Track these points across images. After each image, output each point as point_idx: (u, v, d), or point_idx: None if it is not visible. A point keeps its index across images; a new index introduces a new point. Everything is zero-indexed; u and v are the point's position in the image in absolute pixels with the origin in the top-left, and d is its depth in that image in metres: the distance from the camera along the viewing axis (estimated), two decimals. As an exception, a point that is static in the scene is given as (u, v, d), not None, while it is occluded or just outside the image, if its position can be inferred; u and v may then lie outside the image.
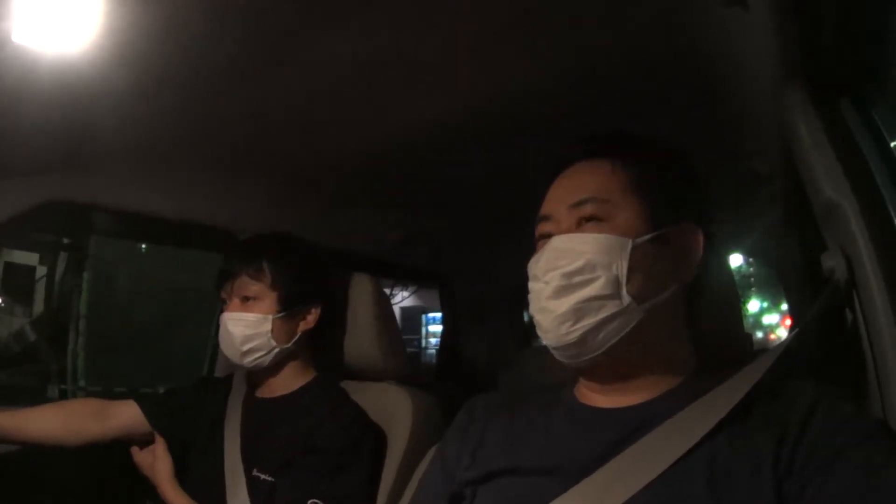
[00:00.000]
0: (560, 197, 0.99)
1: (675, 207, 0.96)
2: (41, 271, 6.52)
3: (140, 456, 1.54)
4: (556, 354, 0.95)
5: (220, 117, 1.52)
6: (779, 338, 11.75)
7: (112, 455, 1.57)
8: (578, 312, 0.89)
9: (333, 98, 1.49)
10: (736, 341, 1.13)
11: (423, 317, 8.99)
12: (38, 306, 6.54)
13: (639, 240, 0.91)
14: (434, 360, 6.08)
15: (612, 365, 0.93)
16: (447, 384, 2.92)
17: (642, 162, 0.98)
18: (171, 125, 1.53)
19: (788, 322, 8.57)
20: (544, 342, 0.95)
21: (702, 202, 1.02)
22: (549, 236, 0.97)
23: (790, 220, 1.89)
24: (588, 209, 0.94)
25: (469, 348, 3.08)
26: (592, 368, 0.95)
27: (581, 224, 0.94)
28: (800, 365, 0.97)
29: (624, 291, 0.89)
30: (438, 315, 8.15)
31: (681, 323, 0.98)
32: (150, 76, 1.30)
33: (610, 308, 0.89)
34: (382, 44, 1.28)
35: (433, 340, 8.50)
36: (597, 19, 1.23)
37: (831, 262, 1.05)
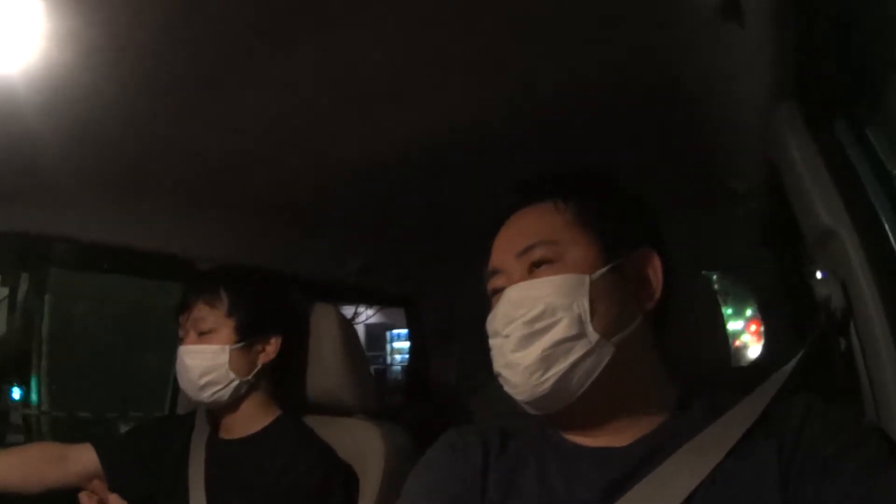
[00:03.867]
0: (505, 247, 0.96)
1: (626, 235, 0.93)
2: (3, 293, 6.36)
3: None
4: (528, 409, 0.90)
5: (179, 146, 1.45)
6: (744, 343, 11.92)
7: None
8: (547, 360, 0.84)
9: (292, 127, 1.42)
10: (719, 360, 1.10)
11: (388, 334, 8.95)
12: (1, 328, 6.39)
13: (595, 274, 0.88)
14: (400, 377, 6.04)
15: (588, 410, 0.88)
16: (416, 408, 2.86)
17: (583, 196, 0.95)
18: (125, 154, 1.45)
19: (754, 328, 8.67)
20: (517, 398, 0.89)
21: (652, 224, 0.99)
22: (502, 290, 0.92)
23: (766, 239, 1.87)
24: (536, 254, 0.91)
25: (437, 370, 3.01)
26: (569, 416, 0.90)
27: (532, 271, 0.91)
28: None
29: (590, 328, 0.85)
30: (403, 332, 8.12)
31: (652, 352, 0.93)
32: (102, 104, 1.23)
33: (579, 349, 0.85)
34: (339, 73, 1.22)
35: (398, 357, 8.48)
36: (583, 38, 1.17)
37: (826, 289, 1.02)
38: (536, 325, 0.85)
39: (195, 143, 1.44)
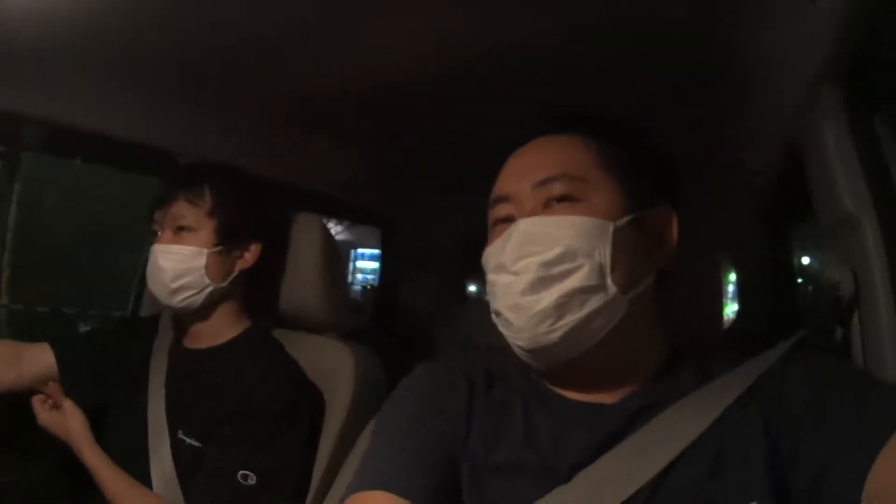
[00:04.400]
0: (522, 174, 0.88)
1: (651, 189, 0.88)
2: None
3: (45, 415, 1.39)
4: (523, 356, 0.85)
5: (169, 32, 1.36)
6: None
7: (23, 405, 1.42)
8: (561, 308, 0.79)
9: (293, 26, 1.35)
10: (711, 329, 1.09)
11: (353, 252, 8.92)
12: None
13: (619, 222, 0.82)
14: (360, 298, 6.03)
15: (585, 365, 0.84)
16: (380, 334, 2.84)
17: (616, 139, 0.89)
18: (113, 38, 1.37)
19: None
20: (515, 343, 0.84)
21: (677, 184, 0.94)
22: (509, 220, 0.86)
23: (766, 218, 1.86)
24: (558, 188, 0.84)
25: (408, 297, 2.98)
26: (565, 369, 0.86)
27: (550, 205, 0.84)
28: None
29: (609, 281, 0.80)
30: (367, 251, 8.09)
31: (653, 312, 0.90)
32: None
33: (595, 301, 0.80)
34: None
35: (360, 276, 8.46)
36: None
37: (836, 275, 1.00)
38: (554, 268, 0.80)
39: (188, 29, 1.36)
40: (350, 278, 8.75)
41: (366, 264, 8.28)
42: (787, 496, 0.72)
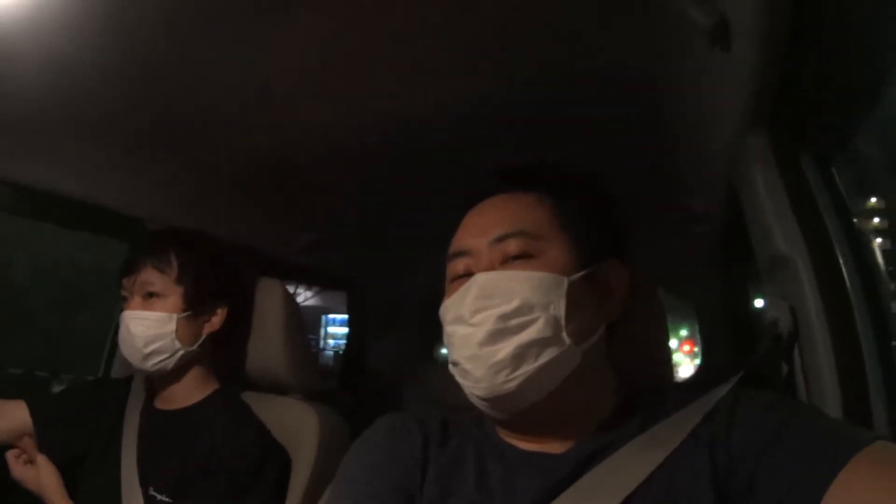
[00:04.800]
0: (480, 230, 0.91)
1: (602, 244, 0.92)
2: None
3: (19, 470, 1.39)
4: (480, 405, 0.88)
5: (136, 99, 1.40)
6: (677, 363, 12.22)
7: None
8: (518, 359, 0.82)
9: (251, 95, 1.40)
10: (661, 375, 1.11)
11: (323, 317, 8.87)
12: None
13: (573, 277, 0.85)
14: (331, 363, 5.99)
15: (538, 414, 0.86)
16: (348, 395, 2.83)
17: (570, 196, 0.93)
18: (76, 102, 1.39)
19: (687, 347, 8.92)
20: (473, 392, 0.87)
21: (626, 238, 0.98)
22: (467, 275, 0.89)
23: (715, 261, 1.91)
24: (514, 245, 0.87)
25: (374, 357, 2.99)
26: (517, 419, 0.88)
27: (507, 262, 0.87)
28: None
29: (564, 334, 0.83)
30: (338, 317, 8.06)
31: (606, 363, 0.93)
32: (52, 52, 1.18)
33: (550, 352, 0.83)
34: (302, 48, 1.21)
35: (332, 342, 8.41)
36: (561, 36, 1.17)
37: (775, 312, 1.04)
38: (511, 320, 0.82)
39: (154, 101, 1.40)
40: (321, 343, 8.71)
41: (337, 329, 8.25)
42: None
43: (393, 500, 0.87)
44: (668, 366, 1.14)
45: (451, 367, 0.90)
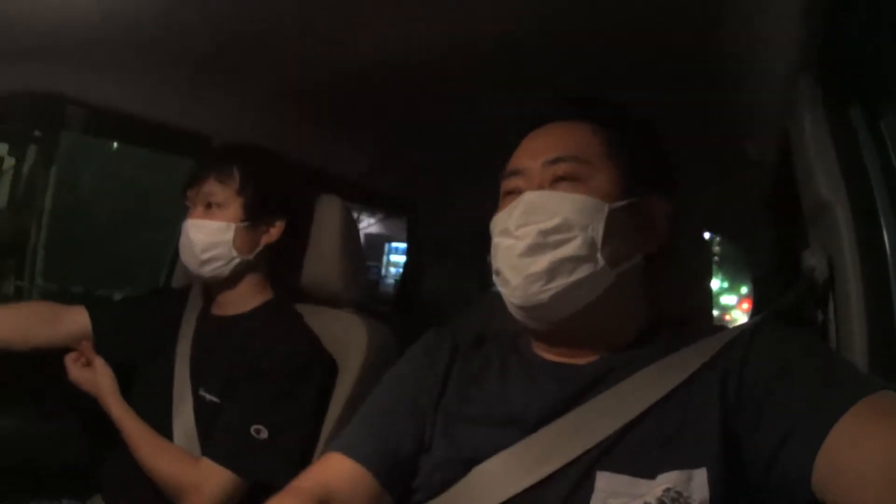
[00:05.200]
0: (535, 152, 0.96)
1: (649, 179, 0.96)
2: (9, 162, 6.34)
3: (77, 372, 1.49)
4: (517, 314, 0.94)
5: (202, 17, 1.44)
6: (734, 319, 12.02)
7: (55, 362, 1.52)
8: (552, 272, 0.88)
9: (321, 11, 1.41)
10: (698, 314, 1.13)
11: (386, 245, 8.97)
12: (2, 199, 6.38)
13: (614, 205, 0.90)
14: (392, 290, 6.09)
15: (572, 328, 0.92)
16: (402, 316, 2.91)
17: (622, 129, 0.97)
18: (149, 22, 1.45)
19: (746, 306, 8.76)
20: (510, 300, 0.93)
21: (673, 176, 1.02)
22: (518, 192, 0.94)
23: (770, 208, 1.88)
24: (564, 168, 0.92)
25: (430, 283, 3.05)
26: (552, 331, 0.94)
27: (556, 182, 0.92)
28: None
29: (599, 255, 0.88)
30: (401, 246, 8.16)
31: (639, 290, 0.98)
32: None
33: (584, 270, 0.88)
34: None
35: (393, 270, 8.51)
36: None
37: (813, 260, 1.04)
38: (550, 236, 0.88)
39: (221, 17, 1.43)
40: (383, 271, 8.84)
41: (399, 258, 8.35)
42: (741, 465, 0.78)
43: (398, 423, 0.98)
44: (704, 306, 1.17)
45: (494, 276, 0.96)
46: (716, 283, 12.88)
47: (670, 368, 0.86)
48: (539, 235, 0.88)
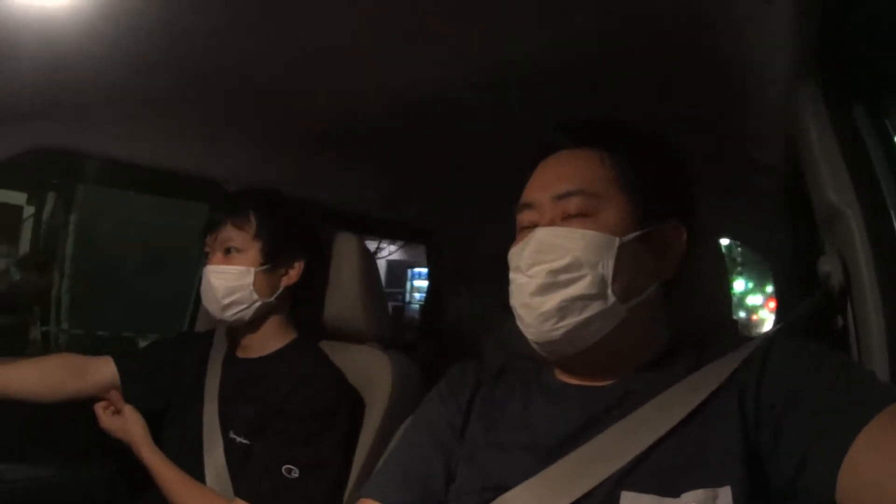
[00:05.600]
0: (545, 185, 0.97)
1: (662, 205, 0.95)
2: (28, 211, 6.43)
3: (107, 420, 1.52)
4: (535, 347, 0.94)
5: (209, 69, 1.47)
6: (761, 319, 11.90)
7: (87, 411, 1.55)
8: (563, 311, 0.88)
9: (328, 55, 1.44)
10: (718, 325, 1.12)
11: (409, 271, 8.97)
12: (24, 246, 6.46)
13: (625, 238, 0.90)
14: (417, 316, 6.10)
15: (589, 357, 0.93)
16: (428, 346, 2.92)
17: (632, 155, 0.95)
18: (158, 75, 1.48)
19: (773, 304, 8.67)
20: (526, 335, 0.94)
21: (689, 197, 1.01)
22: (532, 226, 0.95)
23: (786, 213, 1.88)
24: (574, 203, 0.92)
25: (453, 309, 3.06)
26: (570, 360, 0.95)
27: (566, 218, 0.92)
28: None
29: (609, 291, 0.89)
30: (424, 271, 8.16)
31: (658, 313, 0.97)
32: (137, 26, 1.26)
33: (594, 307, 0.88)
34: (381, 3, 1.24)
35: (417, 296, 8.51)
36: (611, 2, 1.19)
37: (828, 266, 1.04)
38: (561, 276, 0.88)
39: (231, 66, 1.46)
40: (407, 297, 8.85)
41: (422, 283, 8.35)
42: (765, 482, 0.77)
43: (427, 462, 0.99)
44: (725, 315, 1.16)
45: (513, 310, 0.97)
46: (740, 285, 12.82)
47: (690, 388, 0.86)
48: (549, 275, 0.89)
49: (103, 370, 1.57)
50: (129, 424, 1.48)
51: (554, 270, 0.89)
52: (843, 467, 0.69)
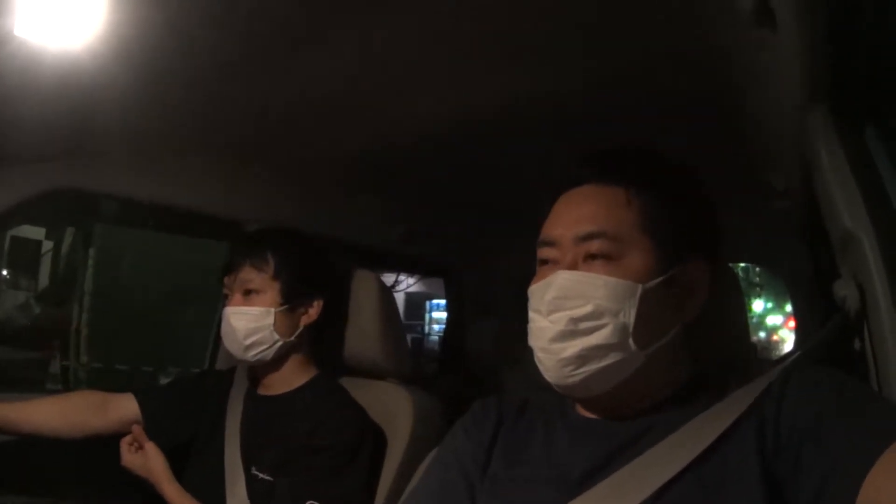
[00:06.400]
0: (567, 223, 0.94)
1: (688, 245, 0.93)
2: (47, 245, 6.51)
3: (129, 457, 1.54)
4: (554, 387, 0.94)
5: (227, 109, 1.51)
6: (781, 339, 11.76)
7: (110, 447, 1.57)
8: (582, 359, 0.88)
9: (341, 92, 1.47)
10: (738, 355, 1.11)
11: (428, 303, 8.99)
12: (44, 281, 6.53)
13: (649, 284, 0.89)
14: (437, 347, 6.10)
15: (608, 399, 0.93)
16: (450, 379, 2.92)
17: (659, 193, 0.94)
18: (176, 116, 1.52)
19: (793, 324, 8.58)
20: (545, 377, 0.93)
21: (716, 236, 0.99)
22: (552, 262, 0.94)
23: (803, 237, 1.87)
24: (596, 245, 0.90)
25: (473, 342, 3.06)
26: (589, 400, 0.96)
27: (588, 261, 0.91)
28: None
29: (630, 340, 0.88)
30: (443, 302, 8.17)
31: (679, 352, 0.96)
32: (155, 68, 1.30)
33: (613, 356, 0.88)
34: (392, 41, 1.27)
35: (437, 327, 8.53)
36: (620, 32, 1.21)
37: (844, 290, 1.04)
38: (581, 324, 0.88)
39: (250, 107, 1.50)
40: (426, 329, 8.85)
41: (441, 314, 8.36)
42: None
43: (453, 496, 0.99)
44: (745, 347, 1.16)
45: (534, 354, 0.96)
46: (759, 305, 12.70)
47: (709, 421, 0.85)
48: (570, 323, 0.88)
49: (125, 407, 1.59)
50: (149, 461, 1.49)
51: (575, 319, 0.88)
52: (861, 494, 0.68)
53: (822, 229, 1.22)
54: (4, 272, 6.56)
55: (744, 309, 1.17)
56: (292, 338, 1.53)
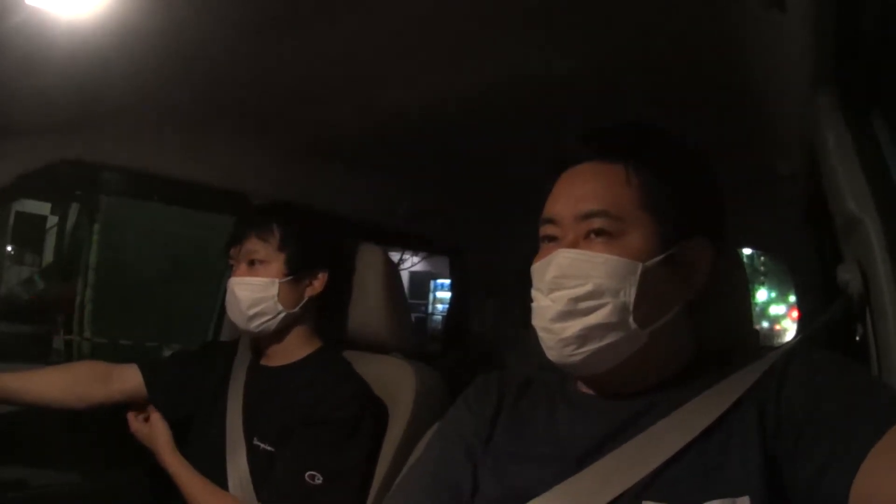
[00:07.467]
0: (567, 201, 0.94)
1: (689, 222, 0.92)
2: (52, 220, 6.52)
3: (136, 425, 1.57)
4: (557, 365, 0.94)
5: (236, 81, 1.51)
6: (784, 329, 11.77)
7: (113, 418, 1.59)
8: (582, 338, 0.88)
9: (351, 66, 1.47)
10: (741, 337, 1.12)
11: (432, 282, 8.99)
12: (48, 256, 6.54)
13: (649, 262, 0.88)
14: (440, 327, 6.11)
15: (610, 377, 0.93)
16: (452, 357, 2.93)
17: (659, 170, 0.92)
18: (185, 88, 1.52)
19: (795, 314, 8.57)
20: (547, 355, 0.94)
21: (718, 212, 0.98)
22: (554, 239, 0.94)
23: (808, 222, 1.87)
24: (597, 223, 0.90)
25: (477, 321, 3.07)
26: (591, 377, 0.96)
27: (589, 238, 0.90)
28: None
29: (630, 319, 0.88)
30: (447, 282, 8.18)
31: (681, 331, 0.96)
32: (164, 39, 1.30)
33: (614, 335, 0.88)
34: (403, 16, 1.27)
35: (440, 307, 8.52)
36: (628, 12, 1.20)
37: (847, 274, 1.04)
38: (581, 303, 0.87)
39: (257, 81, 1.50)
40: (430, 308, 8.86)
41: (445, 294, 8.37)
42: (783, 491, 0.77)
43: (452, 471, 1.00)
44: (748, 329, 1.15)
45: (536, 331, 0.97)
46: (763, 294, 12.68)
47: (711, 400, 0.86)
48: (570, 302, 0.88)
49: (129, 378, 1.60)
50: (153, 431, 1.52)
51: (575, 298, 0.88)
52: (857, 479, 0.68)
53: (827, 214, 1.22)
54: (9, 247, 6.57)
55: (747, 291, 1.16)
56: (296, 309, 1.54)
